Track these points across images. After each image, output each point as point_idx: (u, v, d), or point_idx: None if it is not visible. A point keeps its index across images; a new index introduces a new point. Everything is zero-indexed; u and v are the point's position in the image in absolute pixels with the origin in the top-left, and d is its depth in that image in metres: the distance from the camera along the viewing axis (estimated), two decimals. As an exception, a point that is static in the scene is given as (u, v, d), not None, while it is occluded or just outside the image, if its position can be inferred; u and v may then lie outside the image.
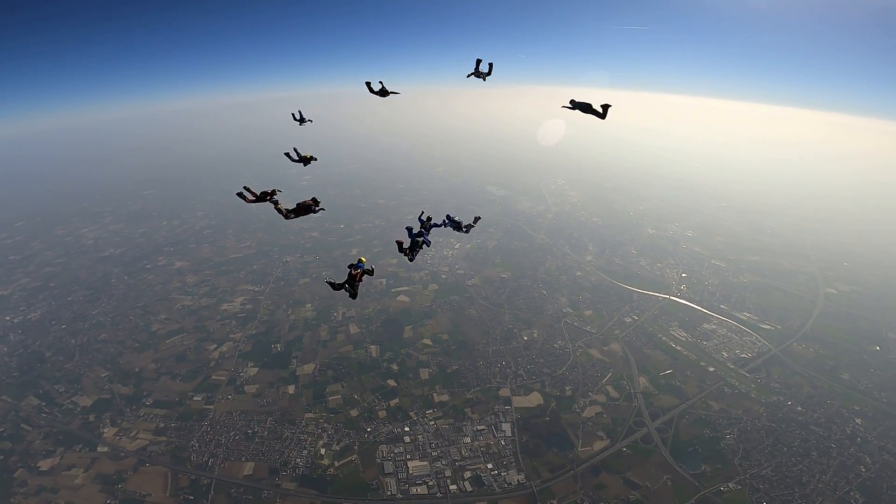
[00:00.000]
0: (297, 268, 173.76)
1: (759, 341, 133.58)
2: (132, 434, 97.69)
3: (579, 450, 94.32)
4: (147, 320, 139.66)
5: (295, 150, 38.58)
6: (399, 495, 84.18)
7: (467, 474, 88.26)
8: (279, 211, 30.12)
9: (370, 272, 28.17)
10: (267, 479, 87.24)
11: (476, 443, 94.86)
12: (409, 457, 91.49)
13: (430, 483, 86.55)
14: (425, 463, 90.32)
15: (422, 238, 30.97)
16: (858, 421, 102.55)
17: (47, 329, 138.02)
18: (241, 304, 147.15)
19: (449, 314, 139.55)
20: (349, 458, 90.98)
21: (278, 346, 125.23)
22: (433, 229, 32.77)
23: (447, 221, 33.54)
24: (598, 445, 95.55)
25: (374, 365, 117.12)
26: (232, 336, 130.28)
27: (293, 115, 45.32)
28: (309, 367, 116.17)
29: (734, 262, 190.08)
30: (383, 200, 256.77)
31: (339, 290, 26.81)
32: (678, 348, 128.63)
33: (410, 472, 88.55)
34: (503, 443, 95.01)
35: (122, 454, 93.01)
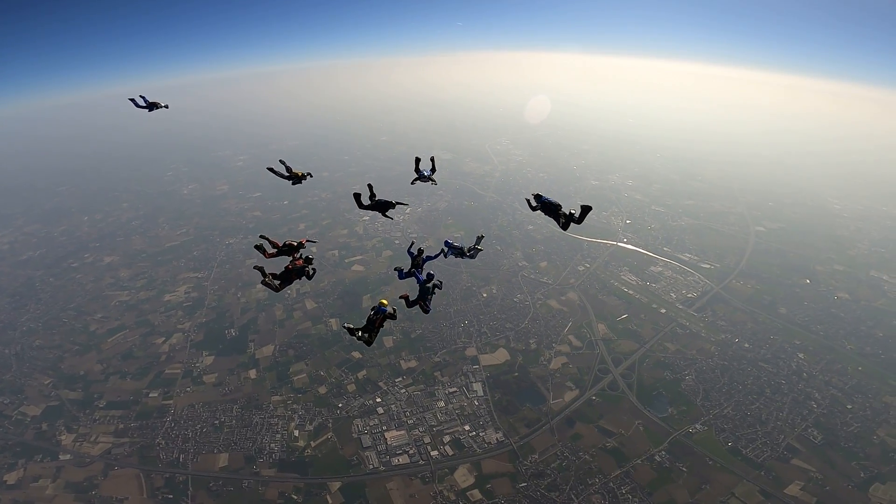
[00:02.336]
0: (241, 249, 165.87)
1: (702, 280, 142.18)
2: (92, 438, 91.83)
3: (551, 402, 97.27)
4: (83, 321, 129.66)
5: (282, 162, 32.31)
6: (382, 468, 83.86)
7: (446, 438, 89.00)
8: (268, 285, 24.33)
9: (393, 317, 24.55)
10: (244, 468, 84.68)
11: (450, 406, 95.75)
12: (385, 428, 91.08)
13: (411, 452, 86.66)
14: (402, 432, 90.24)
15: (431, 282, 26.69)
16: (801, 356, 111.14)
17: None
18: (186, 293, 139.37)
19: (406, 279, 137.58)
20: (325, 437, 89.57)
21: (232, 331, 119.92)
22: (428, 262, 28.85)
23: (447, 250, 30.14)
24: (568, 396, 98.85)
25: (335, 338, 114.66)
26: (180, 327, 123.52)
27: (133, 100, 36.34)
28: (268, 349, 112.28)
29: (672, 206, 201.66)
30: (327, 173, 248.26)
31: (354, 335, 23.33)
32: (630, 292, 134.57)
33: (389, 443, 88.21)
34: (477, 403, 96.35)
35: (87, 460, 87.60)
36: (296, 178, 32.02)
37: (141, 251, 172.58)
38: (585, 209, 23.10)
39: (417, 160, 31.39)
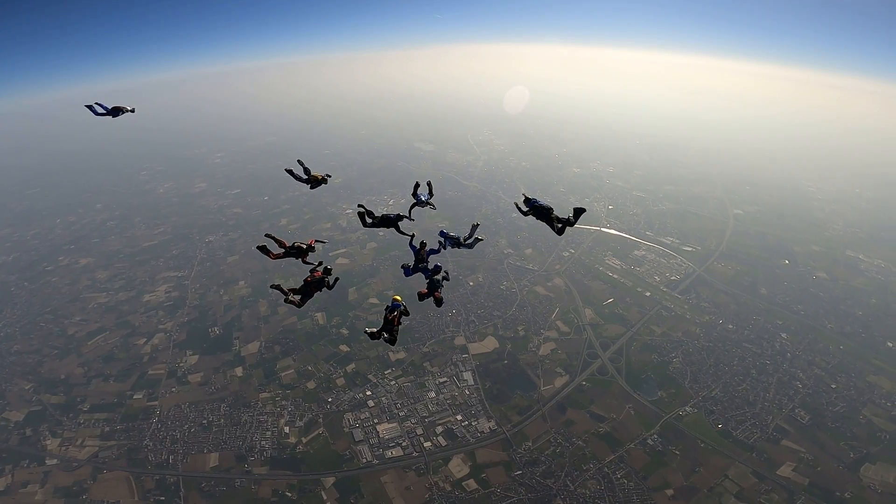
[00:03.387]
0: (222, 246, 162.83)
1: (684, 263, 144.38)
2: (78, 442, 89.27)
3: (542, 389, 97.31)
4: (61, 324, 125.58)
5: (300, 162, 29.98)
6: (375, 461, 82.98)
7: (439, 429, 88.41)
8: (290, 302, 23.48)
9: (406, 312, 24.25)
10: (235, 467, 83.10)
11: (441, 396, 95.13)
12: (376, 421, 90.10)
13: (404, 444, 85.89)
14: (394, 424, 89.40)
15: (439, 274, 25.91)
16: (784, 335, 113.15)
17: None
18: (166, 293, 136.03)
19: (392, 270, 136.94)
20: (316, 433, 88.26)
21: (216, 329, 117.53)
22: (432, 256, 27.31)
23: (444, 242, 28.14)
24: (559, 382, 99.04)
25: (322, 333, 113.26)
26: (161, 327, 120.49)
27: (90, 108, 31.68)
28: (254, 346, 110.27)
29: (652, 192, 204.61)
30: (309, 168, 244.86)
31: (377, 338, 22.55)
32: (615, 276, 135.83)
33: (381, 436, 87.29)
34: (468, 392, 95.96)
35: (75, 464, 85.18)
36: (314, 182, 29.92)
37: (118, 252, 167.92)
38: (579, 211, 22.91)
39: (416, 185, 29.94)
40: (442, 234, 28.50)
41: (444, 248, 28.10)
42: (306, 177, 29.29)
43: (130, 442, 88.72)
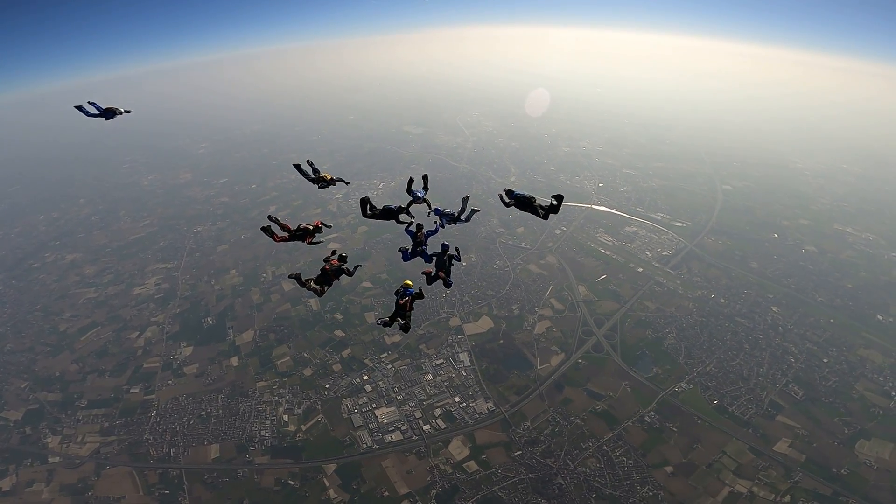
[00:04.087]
0: (211, 236, 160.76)
1: (676, 238, 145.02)
2: (78, 439, 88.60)
3: (539, 368, 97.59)
4: (52, 321, 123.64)
5: (310, 163, 28.45)
6: (375, 446, 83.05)
7: (437, 412, 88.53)
8: (312, 290, 22.80)
9: (420, 296, 24.09)
10: (237, 457, 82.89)
11: (438, 378, 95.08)
12: (374, 405, 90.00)
13: (403, 428, 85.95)
14: (393, 408, 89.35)
15: (447, 253, 25.49)
16: (775, 309, 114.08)
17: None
18: (156, 285, 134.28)
19: (384, 253, 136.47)
20: (315, 420, 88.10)
21: (209, 319, 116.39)
22: (431, 237, 26.64)
23: (440, 220, 27.28)
24: (555, 360, 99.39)
25: (317, 319, 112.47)
26: (154, 319, 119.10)
27: (81, 108, 29.54)
28: (248, 335, 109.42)
29: (642, 169, 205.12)
30: (295, 155, 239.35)
31: (390, 325, 22.93)
32: (607, 253, 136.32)
33: (380, 420, 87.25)
34: (464, 373, 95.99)
35: (78, 461, 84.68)
36: (322, 182, 28.35)
37: (104, 246, 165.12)
38: (558, 199, 23.80)
39: (410, 181, 28.83)
40: (437, 211, 27.70)
41: (443, 226, 27.39)
42: (314, 176, 28.05)
43: (130, 437, 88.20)
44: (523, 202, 25.07)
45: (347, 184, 30.26)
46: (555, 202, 23.86)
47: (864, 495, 74.19)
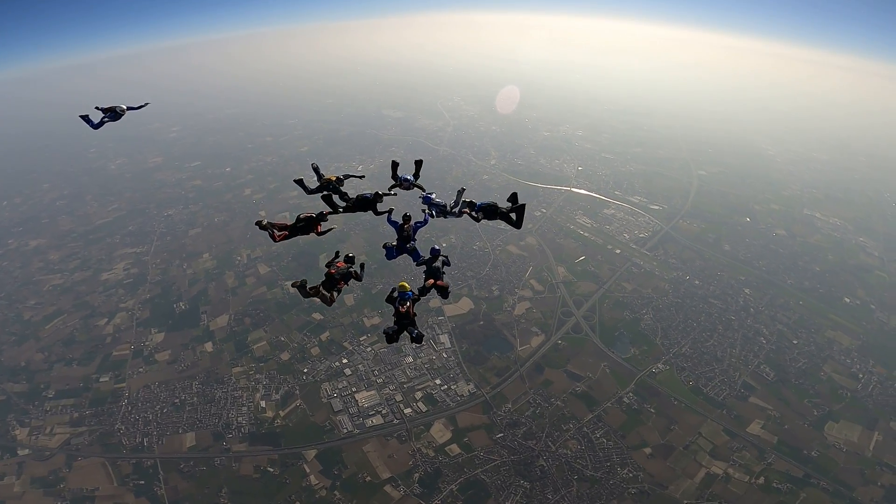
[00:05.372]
0: (183, 219, 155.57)
1: (652, 221, 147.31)
2: (47, 431, 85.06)
3: (519, 349, 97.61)
4: (15, 309, 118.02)
5: (314, 168, 25.46)
6: (356, 431, 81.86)
7: (418, 394, 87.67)
8: (322, 298, 20.63)
9: (417, 298, 21.84)
10: (213, 445, 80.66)
11: (418, 360, 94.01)
12: (354, 389, 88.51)
13: (384, 411, 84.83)
14: (373, 392, 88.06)
15: (438, 259, 22.85)
16: (747, 291, 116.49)
17: None
18: (125, 270, 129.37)
19: (363, 234, 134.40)
20: (294, 405, 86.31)
21: (181, 304, 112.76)
22: (419, 229, 23.56)
23: (429, 211, 23.62)
24: (535, 342, 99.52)
25: (294, 302, 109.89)
26: (122, 305, 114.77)
27: (86, 119, 27.48)
28: (222, 320, 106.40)
29: (620, 154, 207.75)
30: (271, 138, 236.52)
31: (397, 340, 20.52)
32: (586, 234, 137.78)
33: (360, 404, 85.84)
34: (445, 355, 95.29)
35: (48, 453, 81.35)
36: (328, 188, 24.50)
37: (70, 231, 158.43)
38: (513, 198, 23.72)
39: (395, 165, 25.36)
40: (426, 199, 23.90)
41: (433, 216, 23.74)
42: (318, 183, 24.66)
43: (102, 427, 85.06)
44: (488, 211, 23.45)
45: (362, 178, 27.57)
46: (516, 204, 23.25)
47: (834, 477, 75.97)
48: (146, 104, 29.38)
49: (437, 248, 23.33)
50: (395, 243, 23.04)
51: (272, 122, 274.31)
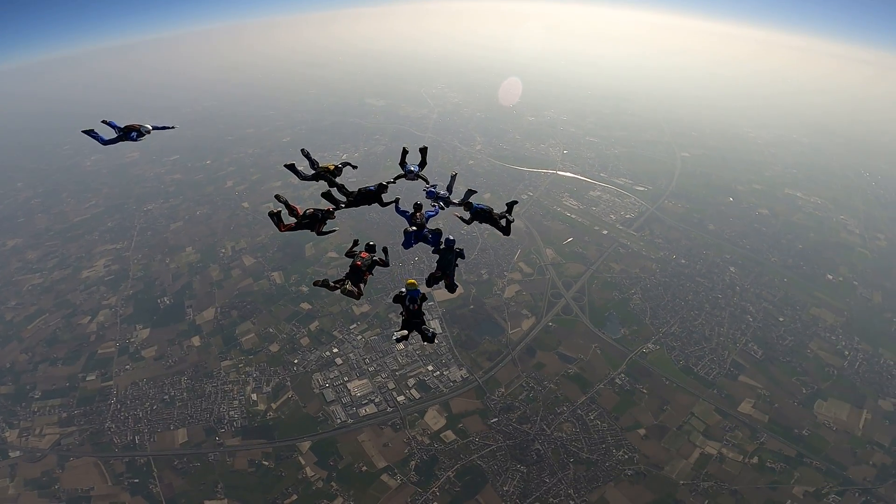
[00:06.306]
0: (163, 213, 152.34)
1: (638, 202, 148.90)
2: (37, 432, 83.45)
3: (510, 332, 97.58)
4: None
5: (305, 152, 24.61)
6: (350, 420, 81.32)
7: (411, 382, 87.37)
8: (349, 293, 19.95)
9: (424, 297, 21.48)
10: (206, 441, 79.71)
11: (410, 347, 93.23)
12: (346, 379, 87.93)
13: (377, 400, 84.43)
14: (365, 381, 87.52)
15: (453, 247, 22.21)
16: (733, 269, 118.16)
17: None
18: (105, 266, 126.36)
19: (349, 222, 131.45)
20: (286, 397, 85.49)
21: (165, 299, 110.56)
22: (430, 219, 23.50)
23: (436, 202, 24.24)
24: (526, 324, 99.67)
25: (281, 292, 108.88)
26: (105, 303, 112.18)
27: (93, 134, 24.99)
28: (209, 313, 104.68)
29: (605, 137, 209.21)
30: (252, 129, 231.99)
31: (404, 339, 20.58)
32: (573, 216, 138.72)
33: (353, 394, 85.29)
34: (436, 341, 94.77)
35: (39, 454, 79.91)
36: (324, 176, 23.72)
37: (47, 230, 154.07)
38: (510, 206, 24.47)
39: (404, 152, 25.31)
40: (430, 194, 24.48)
41: (443, 208, 24.32)
42: (314, 171, 23.95)
43: (91, 426, 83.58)
44: (482, 215, 23.73)
45: (355, 168, 27.20)
46: (508, 213, 23.79)
47: (826, 457, 77.24)
48: (174, 127, 27.67)
49: (451, 238, 22.63)
50: (413, 230, 22.62)
51: (252, 113, 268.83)
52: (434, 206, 24.20)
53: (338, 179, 24.13)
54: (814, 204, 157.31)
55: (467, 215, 24.09)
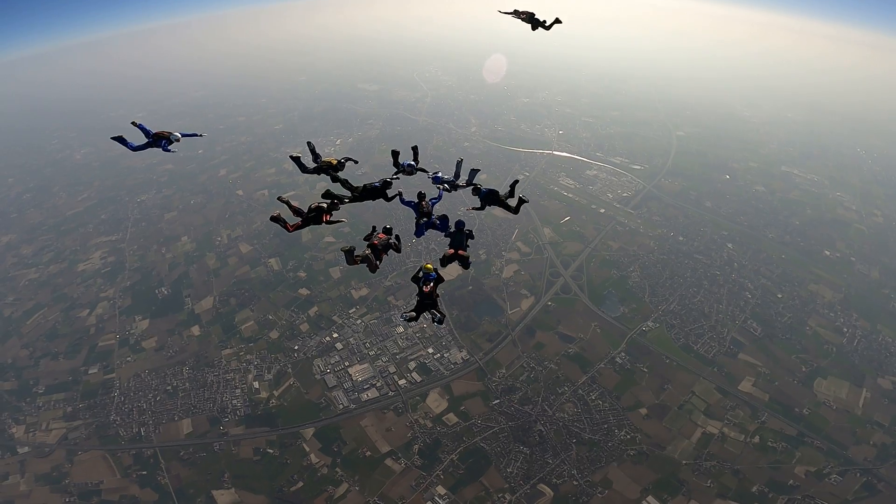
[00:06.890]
0: (157, 204, 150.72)
1: (634, 180, 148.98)
2: (43, 427, 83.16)
3: (510, 313, 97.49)
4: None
5: (310, 145, 24.75)
6: (352, 406, 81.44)
7: (412, 365, 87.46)
8: (367, 260, 20.96)
9: (441, 279, 22.21)
10: (211, 430, 79.84)
11: (409, 330, 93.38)
12: (347, 364, 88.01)
13: (379, 384, 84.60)
14: (366, 365, 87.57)
15: (463, 228, 23.35)
16: (730, 245, 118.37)
17: None
18: (102, 259, 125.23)
19: (346, 207, 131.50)
20: (287, 384, 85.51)
21: (163, 289, 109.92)
22: (436, 205, 24.50)
23: (442, 187, 25.16)
24: (525, 304, 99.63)
25: (279, 279, 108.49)
26: (103, 295, 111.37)
27: (122, 140, 24.21)
28: (207, 302, 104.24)
29: (600, 117, 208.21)
30: (243, 118, 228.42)
31: (417, 319, 21.32)
32: (570, 195, 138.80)
33: (355, 379, 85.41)
34: (436, 323, 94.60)
35: (47, 449, 79.78)
36: (326, 170, 24.14)
37: (40, 224, 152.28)
38: (513, 185, 25.16)
39: (395, 154, 25.72)
40: (437, 179, 25.58)
41: (449, 192, 25.51)
42: (315, 164, 24.39)
43: (97, 419, 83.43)
44: (489, 198, 24.56)
45: (356, 162, 26.85)
46: (520, 196, 24.23)
47: (826, 436, 77.60)
48: (202, 135, 27.99)
49: (462, 220, 23.84)
50: (423, 220, 23.59)
51: (242, 102, 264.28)
52: (440, 189, 25.29)
53: (340, 175, 24.81)
54: (810, 181, 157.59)
55: (479, 204, 24.82)
